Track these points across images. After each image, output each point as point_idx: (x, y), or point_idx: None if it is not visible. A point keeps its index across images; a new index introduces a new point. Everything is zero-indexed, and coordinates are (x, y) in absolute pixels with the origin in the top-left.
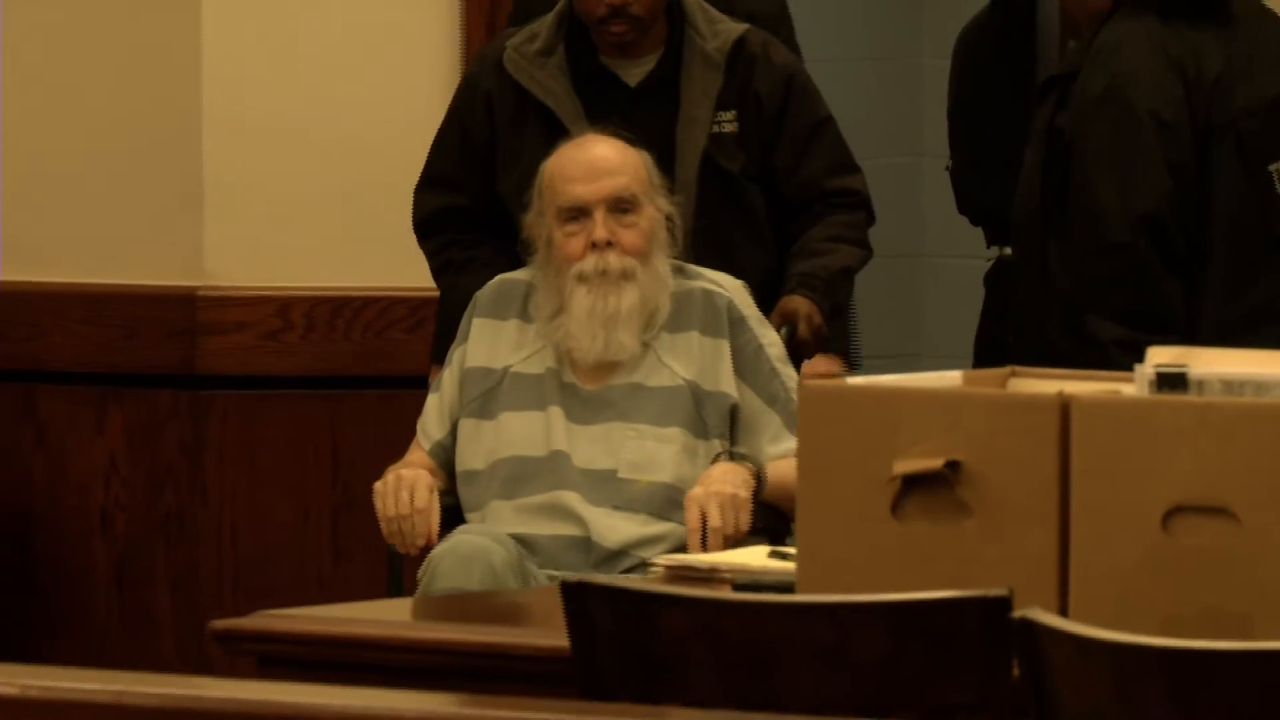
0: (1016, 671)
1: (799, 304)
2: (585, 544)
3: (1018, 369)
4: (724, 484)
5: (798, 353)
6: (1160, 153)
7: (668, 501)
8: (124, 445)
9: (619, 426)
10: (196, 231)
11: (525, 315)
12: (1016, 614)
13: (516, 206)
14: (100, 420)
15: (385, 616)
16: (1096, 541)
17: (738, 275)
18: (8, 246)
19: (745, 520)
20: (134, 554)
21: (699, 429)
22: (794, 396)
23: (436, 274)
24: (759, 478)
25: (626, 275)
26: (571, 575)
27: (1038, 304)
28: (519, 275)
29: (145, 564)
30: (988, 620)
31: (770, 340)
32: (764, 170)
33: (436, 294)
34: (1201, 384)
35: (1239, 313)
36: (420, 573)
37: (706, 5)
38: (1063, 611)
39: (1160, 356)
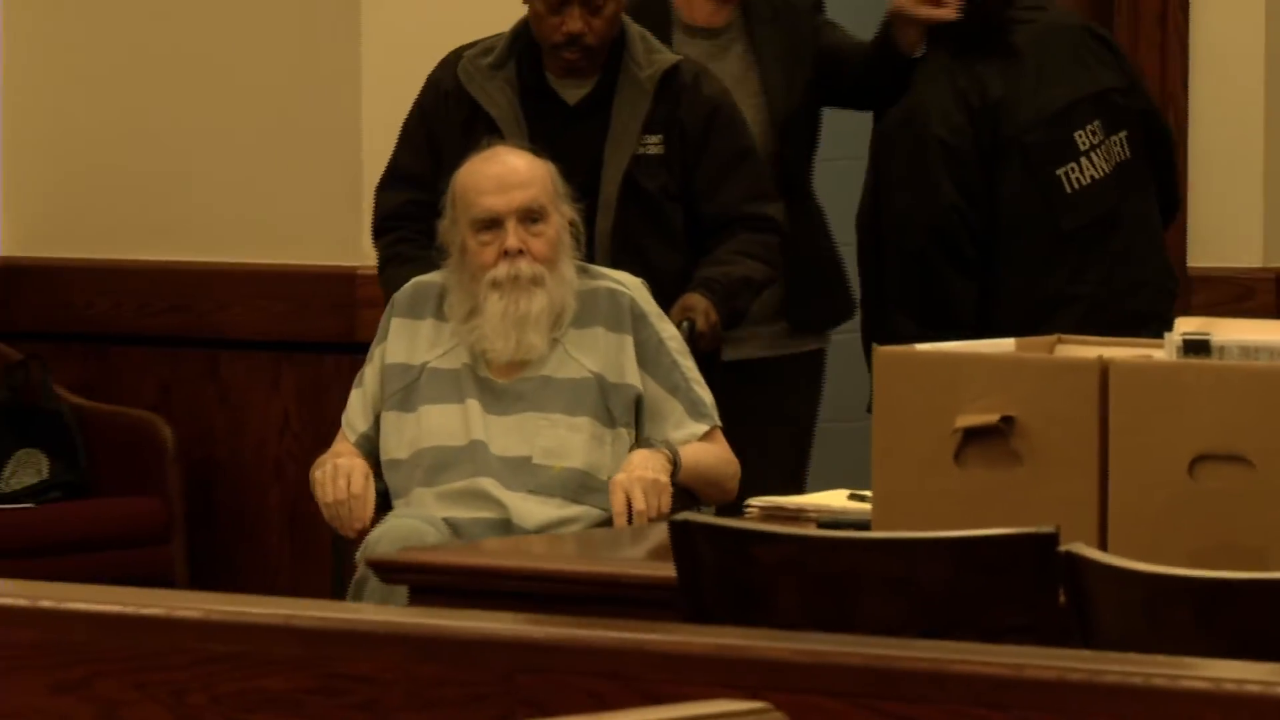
0: (1062, 599)
1: (697, 300)
2: (505, 525)
3: (1063, 336)
4: (645, 469)
5: (696, 346)
6: (945, 171)
7: (580, 486)
8: (295, 404)
9: (532, 416)
10: (356, 219)
11: (440, 315)
12: (1062, 549)
13: None
14: (275, 382)
15: (518, 552)
16: (1131, 486)
17: (651, 279)
18: (199, 232)
19: (666, 502)
20: (302, 498)
21: (606, 418)
22: (694, 385)
23: (383, 265)
24: (675, 463)
25: (536, 281)
26: None
27: (874, 300)
28: (433, 277)
29: (312, 507)
30: (1037, 554)
31: (670, 334)
32: (685, 191)
33: None
34: (1222, 349)
35: (1037, 299)
36: (358, 555)
37: (648, 35)
38: (1102, 546)
39: (1187, 326)
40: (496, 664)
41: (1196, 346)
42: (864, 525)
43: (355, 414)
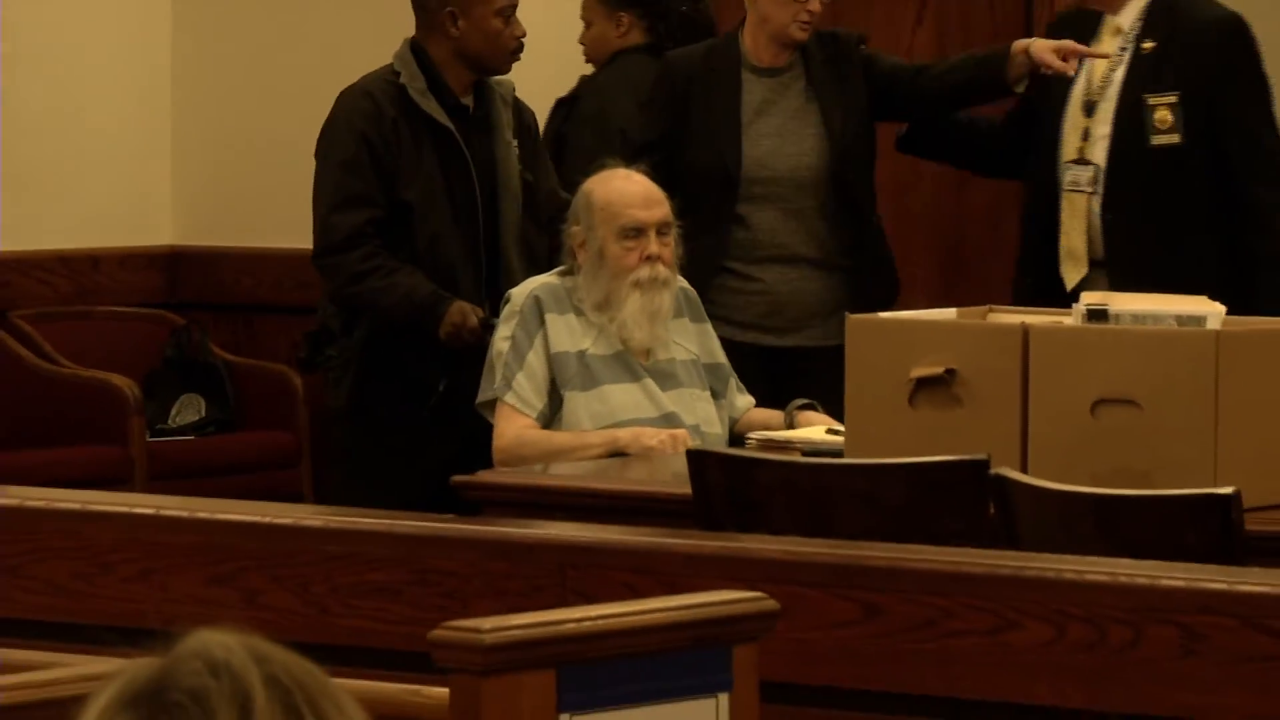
0: (992, 511)
1: None
2: None
3: (994, 306)
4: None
5: None
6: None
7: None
8: None
9: (685, 392)
10: None
11: (578, 310)
12: (992, 472)
13: (424, 210)
14: None
15: (570, 474)
16: (1046, 423)
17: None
18: None
19: None
20: None
21: (711, 391)
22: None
23: (360, 276)
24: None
25: (666, 283)
26: None
27: None
28: (549, 279)
29: None
30: (973, 476)
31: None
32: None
33: None
34: (1118, 317)
35: None
36: None
37: None
38: (1023, 470)
39: (1090, 298)
40: (551, 562)
41: (1097, 314)
42: (838, 453)
43: (529, 394)
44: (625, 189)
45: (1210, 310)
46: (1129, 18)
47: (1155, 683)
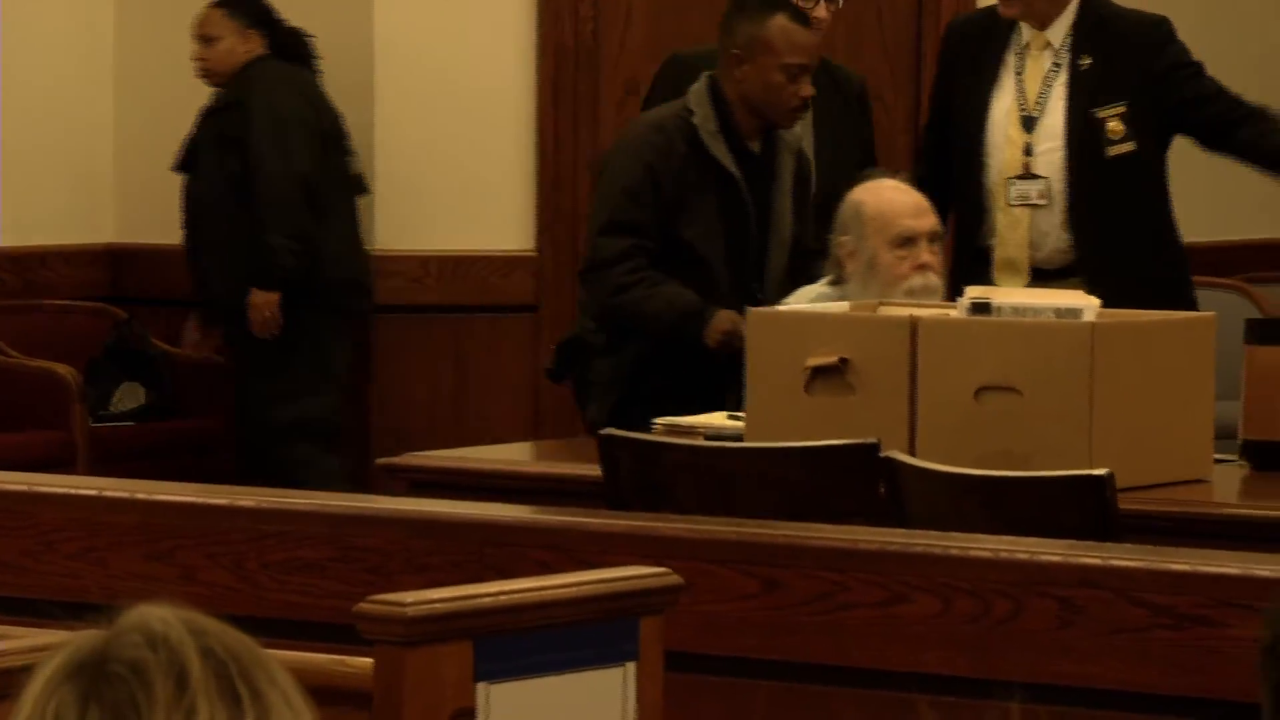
0: (883, 491)
1: None
2: None
3: (885, 300)
4: None
5: None
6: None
7: None
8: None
9: None
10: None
11: None
12: (883, 455)
13: (702, 249)
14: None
15: (489, 456)
16: (933, 409)
17: None
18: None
19: None
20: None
21: None
22: None
23: (625, 288)
24: None
25: (936, 291)
26: None
27: None
28: (821, 289)
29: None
30: (865, 459)
31: None
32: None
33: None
34: (1000, 309)
35: None
36: None
37: None
38: (912, 453)
39: (974, 292)
40: (470, 540)
41: (981, 307)
42: (739, 438)
43: None
44: (897, 199)
45: (1086, 303)
46: (1058, 34)
47: (1035, 652)
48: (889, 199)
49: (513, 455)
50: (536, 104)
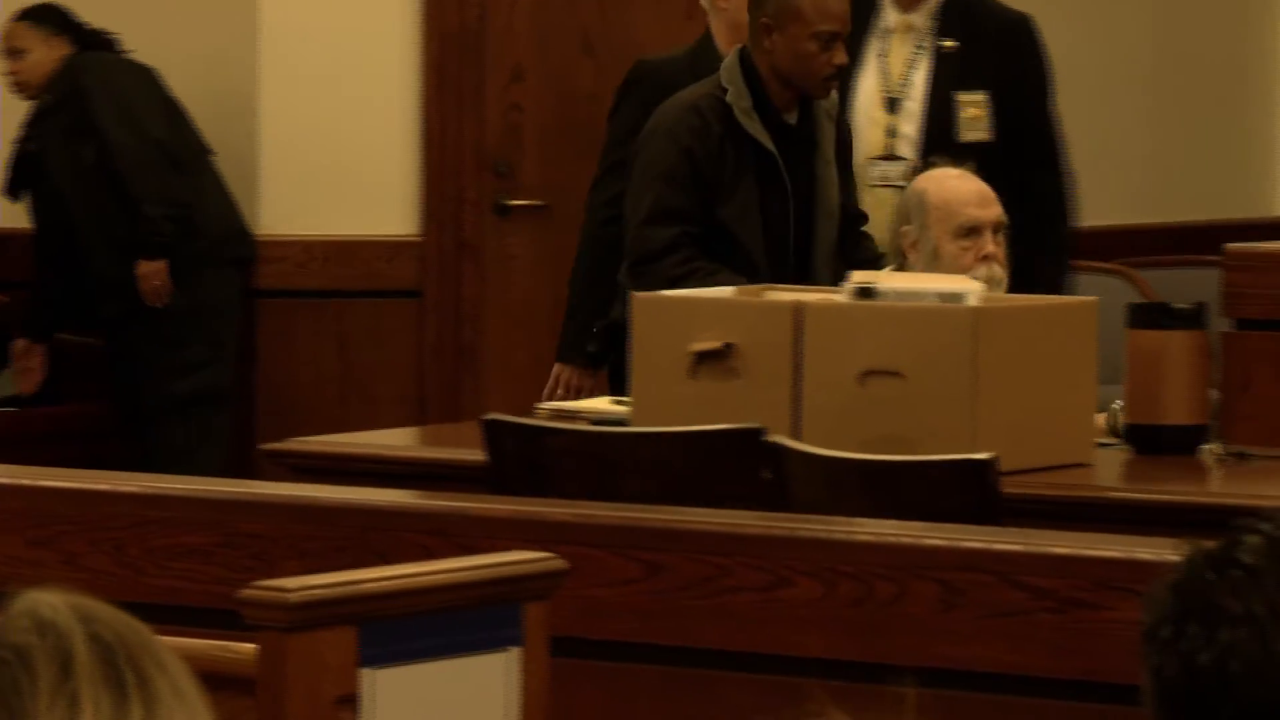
0: (768, 476)
1: None
2: None
3: (770, 285)
4: None
5: None
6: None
7: None
8: None
9: None
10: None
11: None
12: (767, 439)
13: (737, 229)
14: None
15: (371, 441)
16: (818, 393)
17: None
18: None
19: None
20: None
21: None
22: None
23: (678, 280)
24: None
25: (1001, 283)
26: None
27: None
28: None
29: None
30: (749, 443)
31: None
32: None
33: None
34: (885, 293)
35: None
36: None
37: None
38: (796, 437)
39: (858, 277)
40: (353, 524)
41: (865, 292)
42: (624, 423)
43: None
44: (961, 188)
45: (969, 288)
46: (923, 16)
47: (918, 635)
48: (952, 188)
49: (396, 440)
50: (421, 89)
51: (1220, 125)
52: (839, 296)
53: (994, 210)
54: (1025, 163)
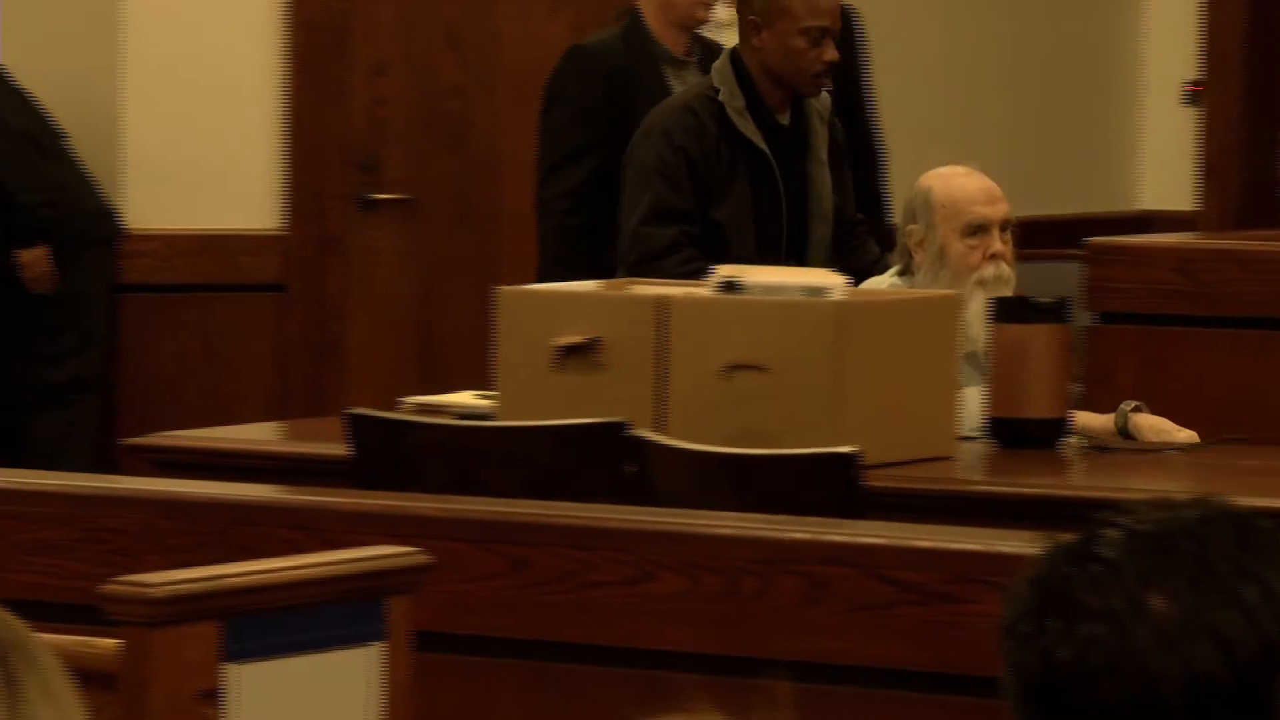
0: (632, 469)
1: None
2: None
3: (634, 279)
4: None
5: None
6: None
7: None
8: None
9: None
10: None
11: None
12: (632, 433)
13: (730, 231)
14: None
15: (234, 436)
16: (683, 387)
17: None
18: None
19: None
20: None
21: None
22: None
23: (680, 280)
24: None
25: (1008, 282)
26: None
27: None
28: (891, 279)
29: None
30: (613, 437)
31: None
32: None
33: None
34: (749, 287)
35: None
36: None
37: None
38: (661, 431)
39: (724, 271)
40: (216, 519)
41: (730, 286)
42: (489, 417)
43: None
44: (968, 185)
45: (832, 282)
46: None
47: (782, 629)
48: (959, 185)
49: (260, 435)
50: (285, 81)
51: (1081, 120)
52: (704, 291)
53: (1001, 208)
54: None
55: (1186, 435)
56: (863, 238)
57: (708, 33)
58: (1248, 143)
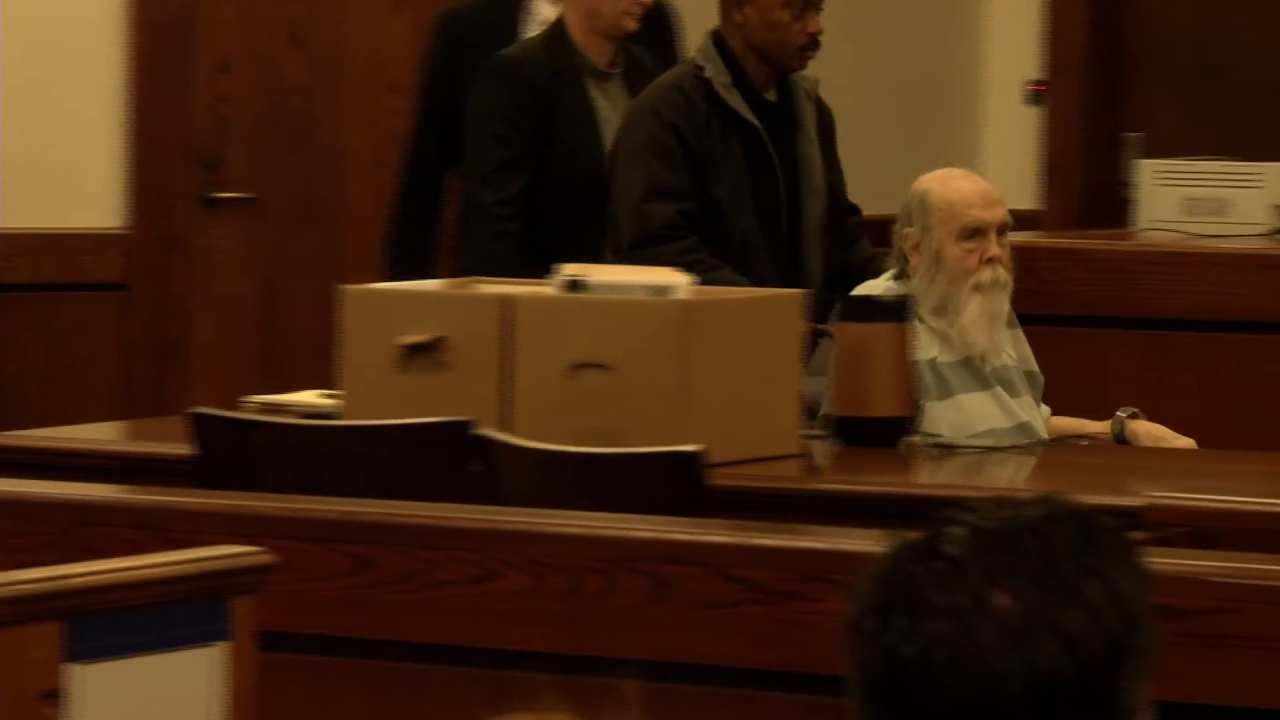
0: (477, 468)
1: None
2: None
3: (479, 278)
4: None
5: None
6: None
7: None
8: None
9: (1026, 399)
10: None
11: (918, 317)
12: (477, 432)
13: (730, 209)
14: None
15: (75, 436)
16: (529, 386)
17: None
18: None
19: None
20: None
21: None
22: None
23: (687, 268)
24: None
25: (1005, 286)
26: None
27: None
28: (887, 283)
29: None
30: (457, 436)
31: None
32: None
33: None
34: (595, 286)
35: None
36: None
37: None
38: (507, 430)
39: (569, 270)
40: (58, 519)
41: (576, 285)
42: (334, 416)
43: None
44: (964, 188)
45: (677, 281)
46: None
47: (627, 628)
48: (956, 188)
49: (103, 434)
50: (127, 80)
51: (924, 119)
52: (549, 289)
53: (999, 211)
54: None
55: (1184, 442)
56: (858, 231)
57: (536, 22)
58: (1090, 142)
